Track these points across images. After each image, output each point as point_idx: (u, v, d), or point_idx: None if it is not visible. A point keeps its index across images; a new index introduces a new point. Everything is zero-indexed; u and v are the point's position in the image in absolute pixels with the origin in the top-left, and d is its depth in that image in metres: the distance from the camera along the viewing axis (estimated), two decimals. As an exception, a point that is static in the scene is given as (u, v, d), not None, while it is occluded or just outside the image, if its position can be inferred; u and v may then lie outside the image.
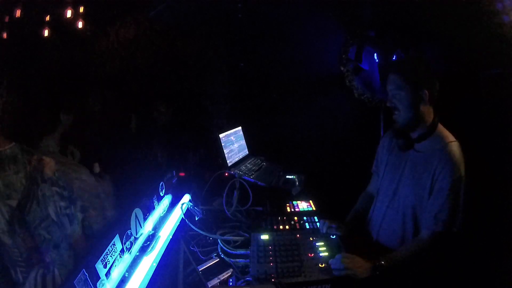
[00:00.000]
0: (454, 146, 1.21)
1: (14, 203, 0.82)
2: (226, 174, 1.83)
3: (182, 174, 1.75)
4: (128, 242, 0.99)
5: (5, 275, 0.79)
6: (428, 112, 1.25)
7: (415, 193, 1.24)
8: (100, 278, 0.80)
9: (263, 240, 1.29)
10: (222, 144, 1.97)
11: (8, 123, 1.04)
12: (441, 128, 1.26)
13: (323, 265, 1.12)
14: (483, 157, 1.46)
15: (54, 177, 0.92)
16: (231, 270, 1.19)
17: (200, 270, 1.17)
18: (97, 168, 1.25)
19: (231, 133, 2.16)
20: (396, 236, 1.30)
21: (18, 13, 1.13)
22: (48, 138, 1.28)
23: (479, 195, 1.27)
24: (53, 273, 0.84)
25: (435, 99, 1.24)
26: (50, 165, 0.92)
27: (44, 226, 0.85)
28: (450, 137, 1.24)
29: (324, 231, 1.33)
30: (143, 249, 1.09)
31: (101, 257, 0.82)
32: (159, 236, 1.21)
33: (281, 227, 1.42)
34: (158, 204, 1.32)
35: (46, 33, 1.24)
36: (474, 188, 1.21)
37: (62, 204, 0.91)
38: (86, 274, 0.74)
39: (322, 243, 1.26)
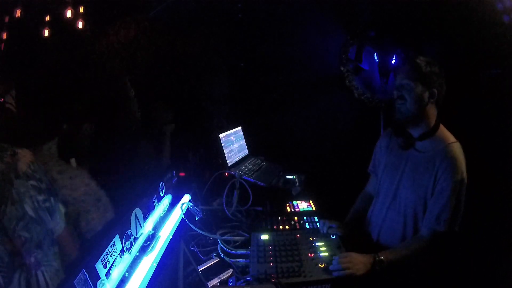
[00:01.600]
0: (456, 147, 1.21)
1: None
2: (226, 174, 1.83)
3: (182, 174, 1.75)
4: (128, 242, 0.99)
5: None
6: (432, 112, 1.25)
7: (416, 193, 1.24)
8: (100, 278, 0.80)
9: (263, 240, 1.29)
10: (222, 144, 1.97)
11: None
12: (442, 128, 1.26)
13: (323, 265, 1.12)
14: (483, 157, 1.46)
15: (30, 170, 0.84)
16: (231, 270, 1.19)
17: (200, 270, 1.17)
18: (73, 163, 1.14)
19: (231, 133, 2.16)
20: (397, 236, 1.30)
21: (18, 13, 1.13)
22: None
23: (479, 195, 1.27)
24: (36, 276, 0.78)
25: (440, 101, 1.24)
26: (24, 159, 0.84)
27: (22, 225, 0.77)
28: (451, 138, 1.24)
29: (325, 231, 1.33)
30: (143, 249, 1.09)
31: (101, 257, 0.82)
32: (159, 236, 1.21)
33: (281, 227, 1.42)
34: (158, 204, 1.32)
35: (46, 33, 1.23)
36: (474, 188, 1.21)
37: (40, 198, 0.84)
38: (86, 274, 0.74)
39: (322, 243, 1.26)
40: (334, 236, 1.31)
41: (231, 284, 1.12)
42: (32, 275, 0.76)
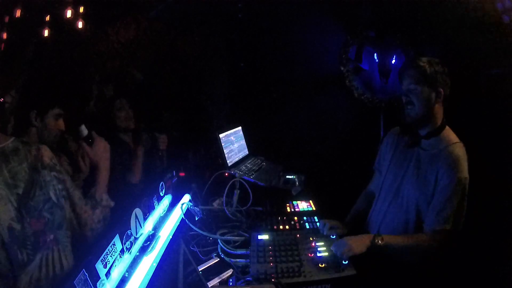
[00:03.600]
0: (459, 147, 1.22)
1: (20, 190, 0.91)
2: (226, 174, 1.83)
3: (182, 174, 1.75)
4: (128, 242, 0.99)
5: (13, 256, 0.87)
6: (439, 111, 1.26)
7: (419, 191, 1.25)
8: (100, 278, 0.80)
9: (263, 240, 1.29)
10: (222, 144, 1.97)
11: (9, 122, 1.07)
12: (447, 129, 1.28)
13: (323, 265, 1.12)
14: (483, 157, 1.46)
15: (52, 162, 1.00)
16: (231, 270, 1.19)
17: (200, 270, 1.17)
18: (84, 131, 1.15)
19: (231, 133, 2.15)
20: (397, 233, 1.30)
21: (18, 13, 1.13)
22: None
23: (480, 195, 1.27)
24: (53, 252, 0.93)
25: (447, 99, 1.25)
26: (47, 153, 1.00)
27: (47, 208, 0.94)
28: (455, 138, 1.26)
29: (325, 232, 1.33)
30: (143, 249, 1.09)
31: (101, 257, 0.82)
32: (159, 236, 1.20)
33: (281, 227, 1.42)
34: (158, 204, 1.32)
35: (46, 33, 1.23)
36: (475, 187, 1.21)
37: (60, 186, 0.99)
38: (86, 274, 0.74)
39: (322, 243, 1.26)
40: (334, 236, 1.31)
41: (231, 284, 1.12)
42: (51, 251, 0.92)
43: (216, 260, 1.26)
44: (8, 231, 0.87)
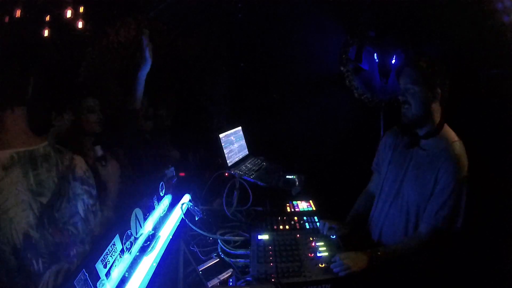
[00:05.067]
0: (459, 146, 1.22)
1: (44, 200, 0.85)
2: (226, 174, 1.83)
3: (182, 174, 1.75)
4: (128, 242, 0.98)
5: (25, 266, 0.81)
6: (437, 111, 1.25)
7: (419, 191, 1.24)
8: (100, 278, 0.80)
9: (263, 240, 1.29)
10: (222, 144, 1.97)
11: (38, 120, 1.04)
12: (446, 127, 1.27)
13: (323, 265, 1.12)
14: (483, 157, 1.46)
15: (85, 175, 0.95)
16: (231, 270, 1.19)
17: (200, 270, 1.17)
18: (99, 151, 1.16)
19: (231, 133, 2.15)
20: (399, 234, 1.30)
21: (18, 13, 1.13)
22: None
23: (479, 194, 1.27)
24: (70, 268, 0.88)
25: (445, 100, 1.25)
26: (80, 165, 0.96)
27: (72, 222, 0.89)
28: (454, 137, 1.25)
29: (325, 232, 1.33)
30: (143, 249, 1.09)
31: (101, 257, 0.82)
32: (159, 236, 1.20)
33: (281, 227, 1.42)
34: (158, 204, 1.32)
35: (46, 33, 1.24)
36: (474, 187, 1.21)
37: (90, 202, 0.95)
38: (86, 274, 0.74)
39: (322, 243, 1.26)
40: (334, 236, 1.31)
41: (231, 284, 1.12)
42: (72, 265, 0.87)
43: (216, 260, 1.26)
44: (23, 237, 0.81)
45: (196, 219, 1.49)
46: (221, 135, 1.99)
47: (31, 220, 0.82)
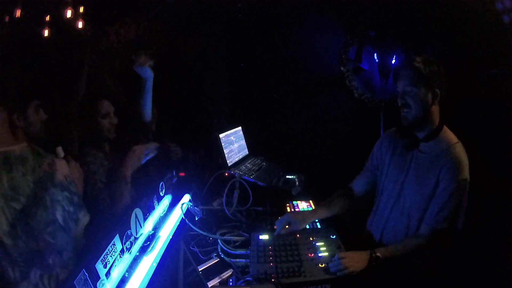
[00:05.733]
0: (459, 148, 1.21)
1: (18, 205, 0.78)
2: (226, 174, 1.83)
3: (182, 174, 1.75)
4: (128, 242, 0.99)
5: (2, 271, 0.75)
6: (436, 112, 1.24)
7: (420, 194, 1.23)
8: (100, 278, 0.80)
9: (263, 240, 1.29)
10: (222, 144, 1.97)
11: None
12: (445, 129, 1.26)
13: (323, 265, 1.12)
14: (483, 157, 1.46)
15: (66, 181, 0.89)
16: (231, 270, 1.19)
17: (200, 270, 1.17)
18: (61, 153, 1.04)
19: (231, 133, 2.16)
20: (400, 237, 1.29)
21: (18, 13, 1.13)
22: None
23: (479, 195, 1.27)
24: (56, 276, 0.82)
25: (443, 101, 1.23)
26: (62, 170, 0.89)
27: (49, 231, 0.81)
28: (454, 138, 1.24)
29: (279, 228, 1.31)
30: (143, 249, 1.09)
31: (101, 257, 0.82)
32: (159, 236, 1.21)
33: (281, 227, 1.42)
34: (158, 204, 1.32)
35: (46, 33, 1.23)
36: (474, 187, 1.21)
37: (71, 209, 0.88)
38: (86, 274, 0.74)
39: (322, 243, 1.26)
40: (334, 236, 1.31)
41: (231, 284, 1.12)
42: (51, 274, 0.80)
43: (216, 260, 1.26)
44: None
45: (196, 219, 1.49)
46: (221, 135, 1.99)
47: (4, 226, 0.75)
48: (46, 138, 1.03)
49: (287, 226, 1.33)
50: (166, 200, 1.42)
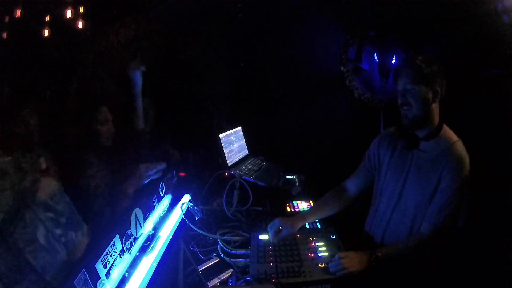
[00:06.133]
0: (460, 146, 1.21)
1: None
2: (226, 174, 1.83)
3: (182, 174, 1.75)
4: (128, 242, 0.99)
5: None
6: (436, 111, 1.24)
7: (422, 194, 1.23)
8: (100, 278, 0.80)
9: (263, 240, 1.29)
10: (222, 144, 1.97)
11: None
12: (445, 127, 1.26)
13: (323, 265, 1.12)
14: (483, 157, 1.46)
15: (50, 201, 0.83)
16: (231, 270, 1.19)
17: (200, 270, 1.17)
18: (43, 164, 0.97)
19: (231, 133, 2.16)
20: (403, 238, 1.28)
21: (18, 13, 1.13)
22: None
23: (479, 195, 1.27)
24: None
25: (443, 100, 1.23)
26: (46, 189, 0.83)
27: (29, 250, 0.75)
28: (454, 137, 1.24)
29: (271, 237, 1.25)
30: (143, 249, 1.09)
31: (101, 257, 0.82)
32: (159, 236, 1.21)
33: (281, 227, 1.42)
34: (158, 204, 1.32)
35: (46, 33, 1.23)
36: (475, 187, 1.21)
37: (57, 231, 0.82)
38: (86, 274, 0.74)
39: (322, 243, 1.26)
40: (334, 236, 1.31)
41: (231, 284, 1.12)
42: None
43: (216, 260, 1.26)
44: None
45: (196, 219, 1.49)
46: (221, 135, 1.99)
47: None
48: (37, 143, 0.97)
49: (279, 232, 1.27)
50: (166, 200, 1.42)
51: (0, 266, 0.71)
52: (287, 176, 1.98)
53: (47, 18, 1.26)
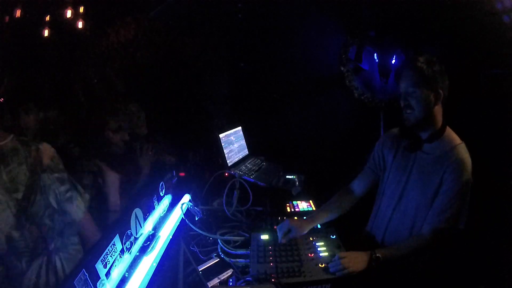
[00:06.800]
0: (463, 149, 1.20)
1: (20, 195, 0.82)
2: (226, 174, 1.83)
3: (182, 174, 1.75)
4: (128, 242, 0.99)
5: (9, 265, 0.79)
6: (438, 112, 1.23)
7: (424, 195, 1.22)
8: (100, 278, 0.80)
9: (263, 240, 1.29)
10: (222, 144, 1.97)
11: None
12: (448, 129, 1.25)
13: (323, 265, 1.12)
14: (484, 157, 1.46)
15: (53, 163, 0.91)
16: (231, 270, 1.19)
17: (200, 270, 1.17)
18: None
19: (231, 133, 2.16)
20: (403, 239, 1.28)
21: (18, 13, 1.13)
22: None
23: (480, 195, 1.27)
24: (55, 262, 0.85)
25: (445, 101, 1.23)
26: (47, 153, 0.91)
27: (47, 214, 0.86)
28: (457, 139, 1.23)
29: (280, 238, 1.26)
30: (143, 249, 1.09)
31: (101, 257, 0.82)
32: (159, 236, 1.20)
33: (281, 227, 1.42)
34: (158, 204, 1.32)
35: (46, 33, 1.23)
36: (475, 187, 1.21)
37: (62, 189, 0.91)
38: (86, 274, 0.74)
39: (322, 243, 1.26)
40: (334, 236, 1.31)
41: (231, 284, 1.12)
42: (51, 261, 0.84)
43: (216, 260, 1.26)
44: (6, 241, 0.78)
45: (196, 219, 1.49)
46: (221, 135, 1.99)
47: (11, 220, 0.79)
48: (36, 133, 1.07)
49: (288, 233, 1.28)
50: (166, 200, 1.42)
51: (27, 239, 0.80)
52: (287, 176, 1.98)
53: (47, 18, 1.26)
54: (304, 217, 1.40)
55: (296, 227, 1.28)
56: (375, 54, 2.62)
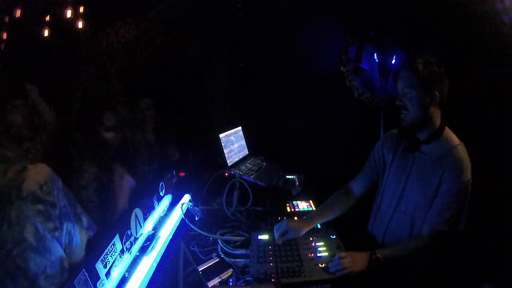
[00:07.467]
0: (462, 149, 1.20)
1: None
2: (226, 174, 1.83)
3: (182, 174, 1.75)
4: (128, 242, 0.99)
5: None
6: (436, 114, 1.23)
7: (423, 195, 1.23)
8: (100, 278, 0.80)
9: (263, 240, 1.29)
10: (222, 144, 1.97)
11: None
12: (447, 130, 1.25)
13: (323, 265, 1.12)
14: (483, 158, 1.46)
15: (40, 191, 0.72)
16: (231, 270, 1.19)
17: (200, 270, 1.17)
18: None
19: (231, 133, 2.16)
20: (403, 239, 1.28)
21: (18, 13, 1.13)
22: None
23: (479, 195, 1.27)
24: None
25: (444, 102, 1.23)
26: (36, 177, 0.72)
27: (17, 252, 0.66)
28: (456, 140, 1.23)
29: (277, 239, 1.26)
30: (143, 249, 1.09)
31: (101, 257, 0.82)
32: (159, 236, 1.21)
33: (281, 227, 1.42)
34: (158, 204, 1.32)
35: (46, 33, 1.23)
36: (474, 188, 1.21)
37: (50, 225, 0.72)
38: (86, 274, 0.74)
39: (322, 243, 1.26)
40: (334, 236, 1.31)
41: (231, 284, 1.12)
42: None
43: (216, 260, 1.26)
44: None
45: (196, 219, 1.49)
46: (221, 135, 1.99)
47: None
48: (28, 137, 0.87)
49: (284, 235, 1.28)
50: (166, 200, 1.42)
51: None
52: (287, 176, 1.98)
53: (47, 18, 1.26)
54: (304, 217, 1.40)
55: (293, 228, 1.27)
56: (375, 54, 2.62)
